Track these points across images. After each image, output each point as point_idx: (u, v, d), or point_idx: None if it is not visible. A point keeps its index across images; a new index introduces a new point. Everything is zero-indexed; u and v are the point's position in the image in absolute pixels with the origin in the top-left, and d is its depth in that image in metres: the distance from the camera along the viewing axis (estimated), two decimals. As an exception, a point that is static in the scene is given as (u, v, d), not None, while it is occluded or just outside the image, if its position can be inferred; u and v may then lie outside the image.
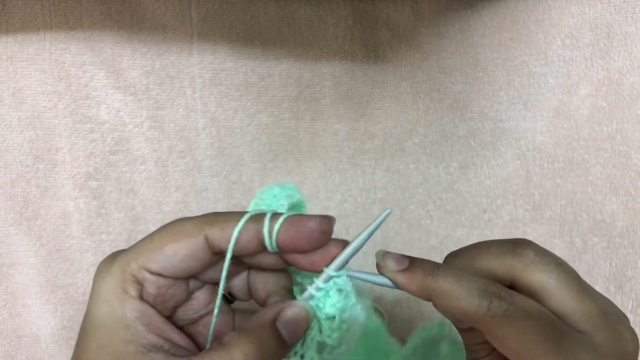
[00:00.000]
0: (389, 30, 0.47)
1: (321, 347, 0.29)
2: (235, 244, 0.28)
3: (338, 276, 0.29)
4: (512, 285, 0.28)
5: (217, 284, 0.31)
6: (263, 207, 0.40)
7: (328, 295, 0.29)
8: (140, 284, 0.29)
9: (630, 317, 0.47)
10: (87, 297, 0.29)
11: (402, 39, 0.47)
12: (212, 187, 0.48)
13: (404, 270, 0.28)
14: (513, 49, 0.46)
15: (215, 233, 0.29)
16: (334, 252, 0.29)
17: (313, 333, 0.29)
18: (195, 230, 0.29)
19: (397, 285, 0.28)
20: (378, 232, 0.49)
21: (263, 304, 0.31)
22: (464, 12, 0.47)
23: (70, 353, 0.46)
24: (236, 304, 0.34)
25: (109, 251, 0.46)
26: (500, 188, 0.48)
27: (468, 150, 0.48)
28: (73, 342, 0.47)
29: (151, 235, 0.29)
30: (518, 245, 0.29)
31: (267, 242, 0.29)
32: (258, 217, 0.29)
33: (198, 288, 0.31)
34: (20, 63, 0.44)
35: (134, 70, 0.45)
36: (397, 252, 0.28)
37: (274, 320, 0.28)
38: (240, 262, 0.31)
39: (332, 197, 0.48)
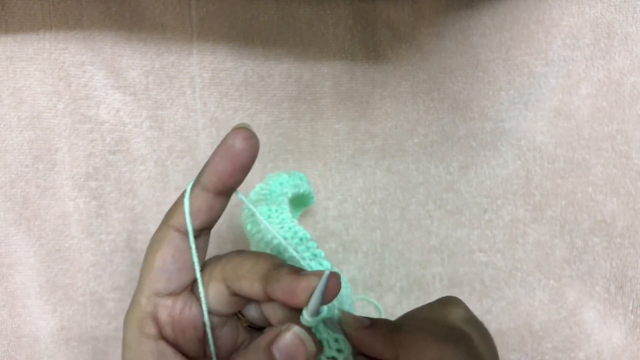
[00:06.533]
0: (389, 30, 0.47)
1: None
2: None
3: (314, 323, 0.27)
4: None
5: (238, 313, 0.30)
6: (266, 193, 0.40)
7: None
8: (155, 318, 0.28)
9: (631, 317, 0.47)
10: (86, 297, 0.28)
11: (402, 39, 0.47)
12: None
13: (368, 328, 0.28)
14: (513, 49, 0.46)
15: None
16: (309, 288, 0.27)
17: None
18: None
19: (361, 344, 0.28)
20: (378, 233, 0.49)
21: None
22: (464, 12, 0.47)
23: (69, 353, 0.46)
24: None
25: (108, 251, 0.46)
26: (500, 188, 0.48)
27: (468, 150, 0.48)
28: (72, 343, 0.47)
29: (146, 263, 0.28)
30: (447, 304, 0.30)
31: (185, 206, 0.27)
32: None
33: (221, 324, 0.30)
34: (20, 63, 0.44)
35: (134, 70, 0.45)
36: (398, 253, 0.28)
37: (270, 345, 0.26)
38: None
39: (332, 197, 0.48)
